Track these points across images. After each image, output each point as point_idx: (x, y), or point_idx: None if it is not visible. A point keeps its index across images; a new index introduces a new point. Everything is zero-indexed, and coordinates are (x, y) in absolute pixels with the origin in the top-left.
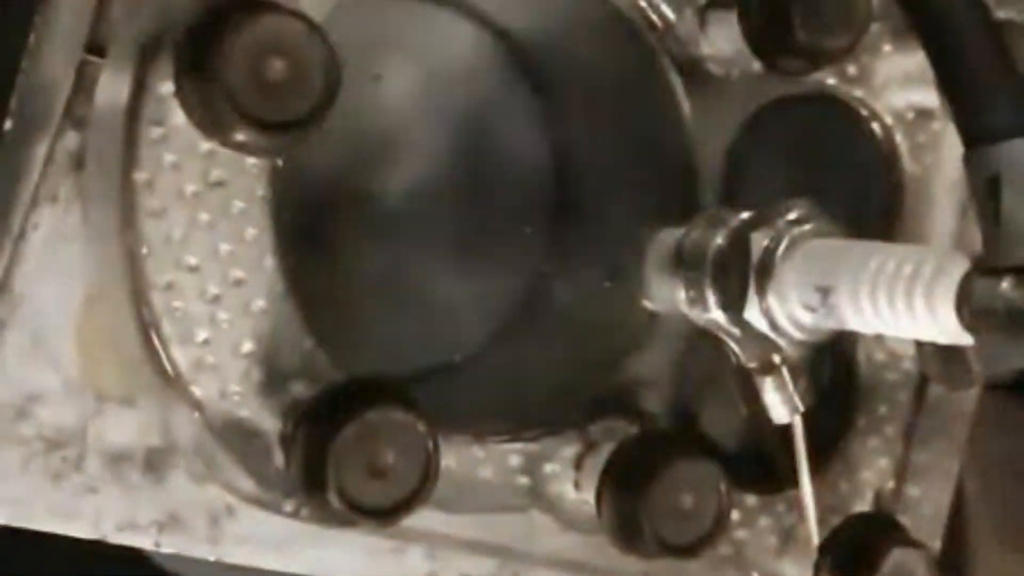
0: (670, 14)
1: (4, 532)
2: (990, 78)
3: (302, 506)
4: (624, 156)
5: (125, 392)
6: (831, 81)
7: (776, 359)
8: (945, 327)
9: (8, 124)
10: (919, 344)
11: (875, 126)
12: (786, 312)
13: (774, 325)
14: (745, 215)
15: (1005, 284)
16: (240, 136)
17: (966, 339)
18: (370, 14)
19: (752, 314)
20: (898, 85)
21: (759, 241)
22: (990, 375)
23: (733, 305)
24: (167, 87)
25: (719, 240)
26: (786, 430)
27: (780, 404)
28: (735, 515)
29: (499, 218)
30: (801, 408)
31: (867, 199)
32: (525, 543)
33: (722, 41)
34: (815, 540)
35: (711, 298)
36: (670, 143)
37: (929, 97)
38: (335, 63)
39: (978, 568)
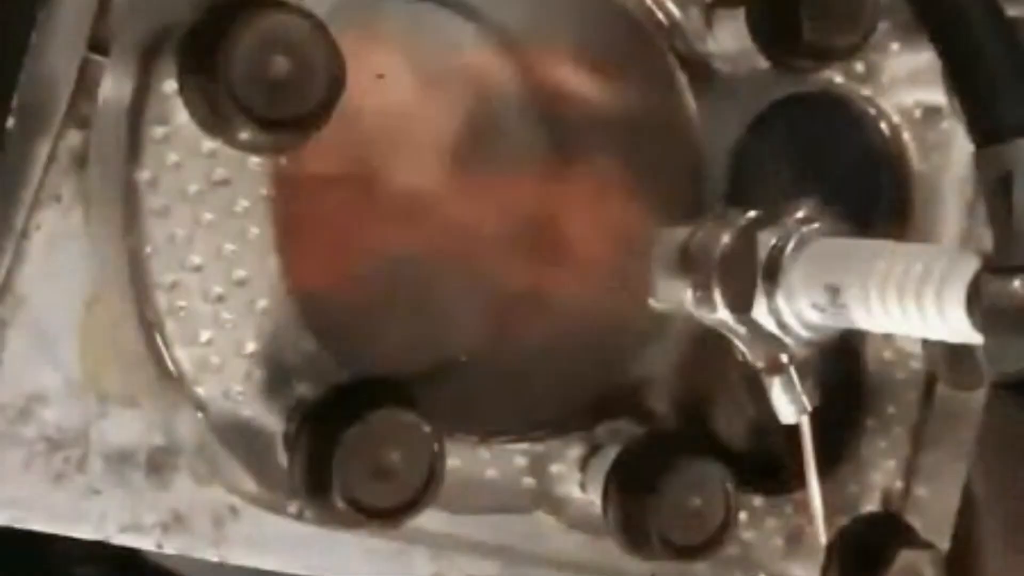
0: (676, 12)
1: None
2: (1002, 75)
3: (306, 507)
4: (630, 155)
5: (128, 392)
6: (838, 79)
7: (784, 359)
8: (955, 326)
9: (11, 123)
10: (927, 344)
11: (883, 124)
12: (794, 311)
13: (782, 324)
14: (752, 214)
15: (1016, 283)
16: (243, 135)
17: (976, 338)
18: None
19: (760, 313)
20: (906, 83)
21: (767, 240)
22: (999, 375)
23: (740, 305)
24: (170, 86)
25: (726, 239)
26: (793, 430)
27: (788, 404)
28: (742, 516)
29: (504, 217)
30: (809, 408)
31: (875, 198)
32: (530, 544)
33: (729, 39)
34: (823, 541)
35: (718, 298)
36: (676, 142)
37: (937, 95)
38: (339, 60)
39: (986, 569)
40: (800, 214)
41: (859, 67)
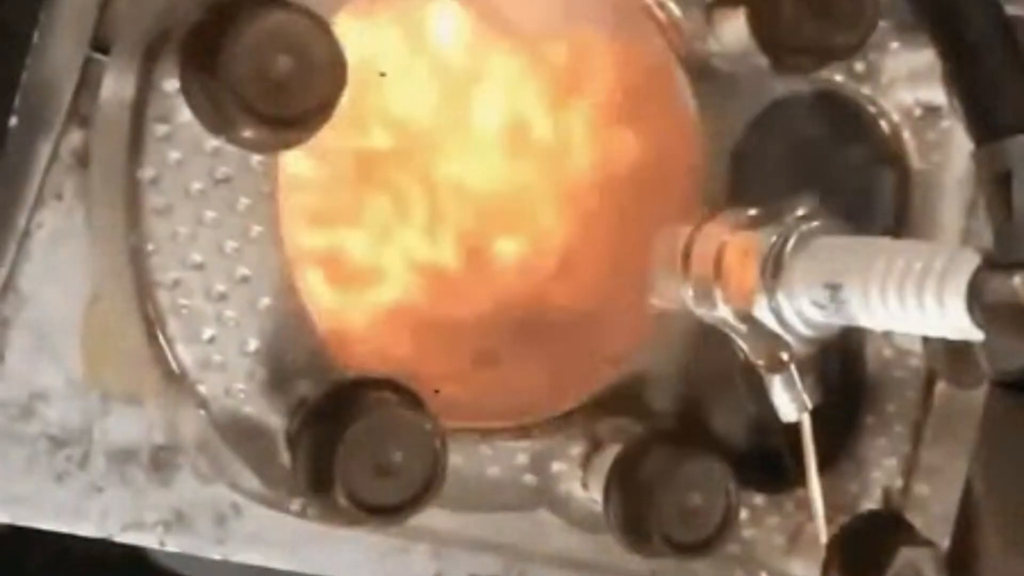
0: (677, 11)
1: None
2: (1001, 73)
3: (308, 505)
4: (632, 153)
5: (130, 390)
6: (838, 78)
7: (784, 357)
8: (955, 323)
9: (13, 121)
10: (927, 341)
11: (883, 123)
12: (795, 309)
13: (782, 322)
14: (753, 212)
15: (1016, 279)
16: (246, 133)
17: (976, 335)
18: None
19: (760, 311)
20: (906, 82)
21: (767, 238)
22: (999, 372)
23: (741, 302)
24: (172, 84)
25: (727, 237)
26: (794, 428)
27: (788, 402)
28: (743, 514)
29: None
30: (809, 406)
31: (874, 196)
32: (532, 542)
33: (729, 38)
34: (823, 539)
35: (719, 296)
36: (677, 140)
37: (937, 94)
38: (341, 59)
39: (986, 568)
40: (800, 212)
41: (859, 66)
